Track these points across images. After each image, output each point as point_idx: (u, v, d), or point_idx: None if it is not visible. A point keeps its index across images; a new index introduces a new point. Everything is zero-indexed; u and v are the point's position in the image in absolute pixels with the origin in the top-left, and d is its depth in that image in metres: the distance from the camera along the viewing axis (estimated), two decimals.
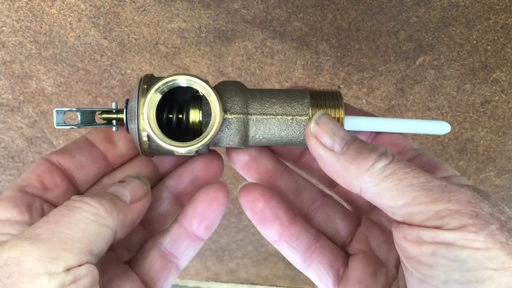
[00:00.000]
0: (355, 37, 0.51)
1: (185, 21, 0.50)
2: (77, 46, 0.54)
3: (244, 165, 0.35)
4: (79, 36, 0.53)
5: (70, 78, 0.58)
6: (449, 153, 0.67)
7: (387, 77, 0.56)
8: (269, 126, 0.31)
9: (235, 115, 0.31)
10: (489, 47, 0.51)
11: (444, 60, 0.53)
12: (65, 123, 0.31)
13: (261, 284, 1.14)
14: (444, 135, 0.64)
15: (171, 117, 0.32)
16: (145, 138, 0.30)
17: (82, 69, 0.57)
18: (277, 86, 0.58)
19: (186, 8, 0.49)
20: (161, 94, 0.30)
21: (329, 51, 0.53)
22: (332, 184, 0.37)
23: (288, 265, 1.04)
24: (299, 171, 0.37)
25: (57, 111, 0.30)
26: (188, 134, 0.32)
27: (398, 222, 0.27)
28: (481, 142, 0.64)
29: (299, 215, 0.35)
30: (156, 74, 0.57)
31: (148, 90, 0.30)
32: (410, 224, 0.26)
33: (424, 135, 0.64)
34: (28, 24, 0.52)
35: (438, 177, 0.29)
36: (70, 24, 0.51)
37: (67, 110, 0.31)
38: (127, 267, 0.33)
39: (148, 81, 0.31)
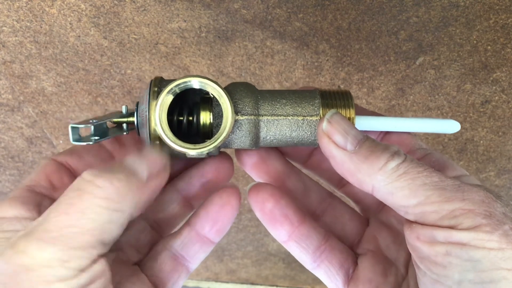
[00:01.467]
0: (355, 37, 0.51)
1: (185, 21, 0.50)
2: (77, 46, 0.54)
3: (253, 166, 0.35)
4: (79, 36, 0.53)
5: (70, 78, 0.58)
6: (449, 153, 0.67)
7: (387, 77, 0.56)
8: (280, 127, 0.31)
9: (246, 117, 0.30)
10: (489, 47, 0.51)
11: (444, 60, 0.53)
12: (80, 136, 0.31)
13: (261, 284, 1.13)
14: (444, 134, 0.64)
15: (181, 119, 0.32)
16: (156, 141, 0.30)
17: (82, 69, 0.57)
18: (277, 86, 0.58)
19: (186, 8, 0.49)
20: (173, 95, 0.29)
21: (329, 51, 0.53)
22: (340, 184, 0.37)
23: (288, 265, 1.04)
24: (306, 172, 0.37)
25: (72, 127, 0.30)
26: (198, 136, 0.32)
27: (411, 222, 0.27)
28: (481, 142, 0.64)
29: (308, 214, 0.34)
30: (156, 74, 0.57)
31: (159, 92, 0.30)
32: (423, 224, 0.26)
33: (424, 135, 0.64)
34: (28, 24, 0.51)
35: (450, 176, 0.29)
36: (70, 24, 0.51)
37: (82, 126, 0.30)
38: (136, 269, 0.32)
39: (159, 83, 0.30)
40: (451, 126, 0.33)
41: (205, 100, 0.31)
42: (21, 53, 0.55)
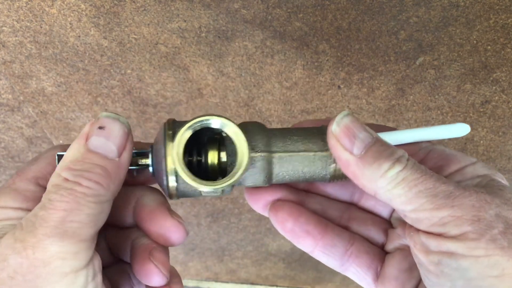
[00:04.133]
0: (355, 37, 0.51)
1: (185, 21, 0.50)
2: (77, 46, 0.54)
3: (266, 206, 0.35)
4: (79, 36, 0.53)
5: (70, 78, 0.58)
6: None
7: (387, 77, 0.56)
8: (292, 163, 0.32)
9: (259, 154, 0.31)
10: (489, 47, 0.51)
11: (444, 60, 0.53)
12: None
13: (261, 284, 1.14)
14: None
15: (190, 159, 0.32)
16: (172, 182, 0.30)
17: (82, 69, 0.57)
18: (277, 86, 0.58)
19: (186, 8, 0.49)
20: (193, 131, 0.30)
21: (329, 51, 0.53)
22: (352, 202, 0.38)
23: (288, 265, 1.04)
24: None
25: (59, 155, 0.30)
26: (207, 176, 0.32)
27: (409, 229, 0.28)
28: (481, 142, 0.64)
29: (330, 224, 0.35)
30: (156, 74, 0.57)
31: (173, 134, 0.30)
32: (417, 229, 0.27)
33: None
34: (28, 24, 0.52)
35: (451, 171, 0.30)
36: (70, 24, 0.51)
37: None
38: None
39: (172, 126, 0.31)
40: (461, 130, 0.32)
41: (212, 141, 0.32)
42: (21, 53, 0.55)
